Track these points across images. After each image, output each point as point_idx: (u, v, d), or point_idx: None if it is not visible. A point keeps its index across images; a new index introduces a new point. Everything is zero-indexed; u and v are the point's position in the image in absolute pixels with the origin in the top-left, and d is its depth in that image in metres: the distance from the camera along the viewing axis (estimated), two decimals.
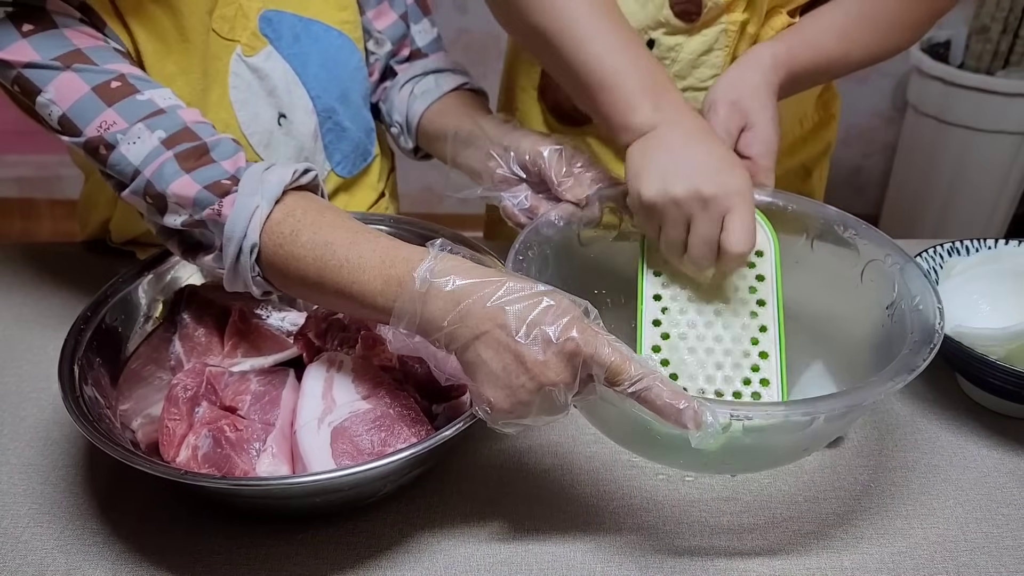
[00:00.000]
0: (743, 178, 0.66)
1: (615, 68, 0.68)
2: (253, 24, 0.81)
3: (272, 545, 0.63)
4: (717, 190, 0.64)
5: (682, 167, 0.65)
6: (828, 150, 1.06)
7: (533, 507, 0.67)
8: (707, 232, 0.65)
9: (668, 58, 0.86)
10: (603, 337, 0.54)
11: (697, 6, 0.82)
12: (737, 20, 0.82)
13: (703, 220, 0.65)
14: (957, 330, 0.74)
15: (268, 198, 0.64)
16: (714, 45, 0.84)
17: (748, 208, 0.65)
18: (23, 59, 0.64)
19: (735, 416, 0.55)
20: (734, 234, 0.65)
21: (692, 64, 0.86)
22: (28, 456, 0.71)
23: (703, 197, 0.64)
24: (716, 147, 0.68)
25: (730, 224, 0.65)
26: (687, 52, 0.85)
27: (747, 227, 0.65)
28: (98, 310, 0.71)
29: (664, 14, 0.84)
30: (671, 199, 0.65)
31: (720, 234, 0.65)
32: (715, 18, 0.83)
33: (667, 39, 0.85)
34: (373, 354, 0.70)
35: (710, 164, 0.65)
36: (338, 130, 0.89)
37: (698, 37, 0.84)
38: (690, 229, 0.66)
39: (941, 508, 0.68)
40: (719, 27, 0.83)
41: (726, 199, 0.64)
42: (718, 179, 0.64)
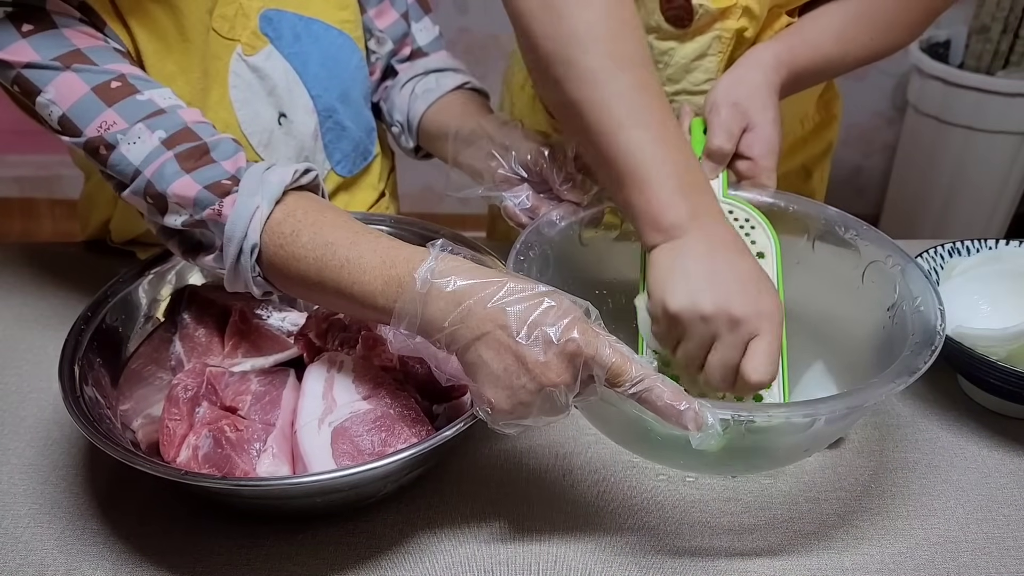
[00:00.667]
0: (774, 303, 0.61)
1: (653, 161, 0.63)
2: (253, 23, 0.81)
3: (272, 545, 0.63)
4: (748, 312, 0.60)
5: (713, 283, 0.61)
6: (829, 150, 1.06)
7: (533, 507, 0.67)
8: (730, 355, 0.61)
9: (661, 62, 0.86)
10: (604, 338, 0.54)
11: (688, 12, 0.81)
12: (731, 28, 0.82)
13: (728, 342, 0.60)
14: (958, 331, 0.74)
15: (269, 198, 0.64)
16: (707, 51, 0.84)
17: (776, 336, 0.61)
18: (23, 59, 0.64)
19: (736, 417, 0.55)
20: (757, 362, 0.60)
21: (685, 68, 0.86)
22: (28, 456, 0.71)
23: (733, 318, 0.60)
24: (749, 264, 0.63)
25: (754, 350, 0.60)
26: (680, 57, 0.85)
27: (772, 357, 0.60)
28: (98, 310, 0.71)
29: (656, 19, 0.83)
30: (699, 315, 0.60)
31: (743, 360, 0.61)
32: (708, 25, 0.82)
33: (659, 44, 0.85)
34: (374, 354, 0.70)
35: (743, 284, 0.61)
36: (338, 129, 0.89)
37: (691, 43, 0.84)
38: (711, 349, 0.61)
39: (942, 508, 0.68)
40: (712, 34, 0.83)
41: (756, 323, 0.60)
42: (750, 301, 0.60)
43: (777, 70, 0.76)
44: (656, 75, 0.66)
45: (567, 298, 0.56)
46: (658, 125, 0.64)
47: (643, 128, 0.63)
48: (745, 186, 0.75)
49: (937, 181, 2.12)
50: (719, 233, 0.63)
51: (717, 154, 0.74)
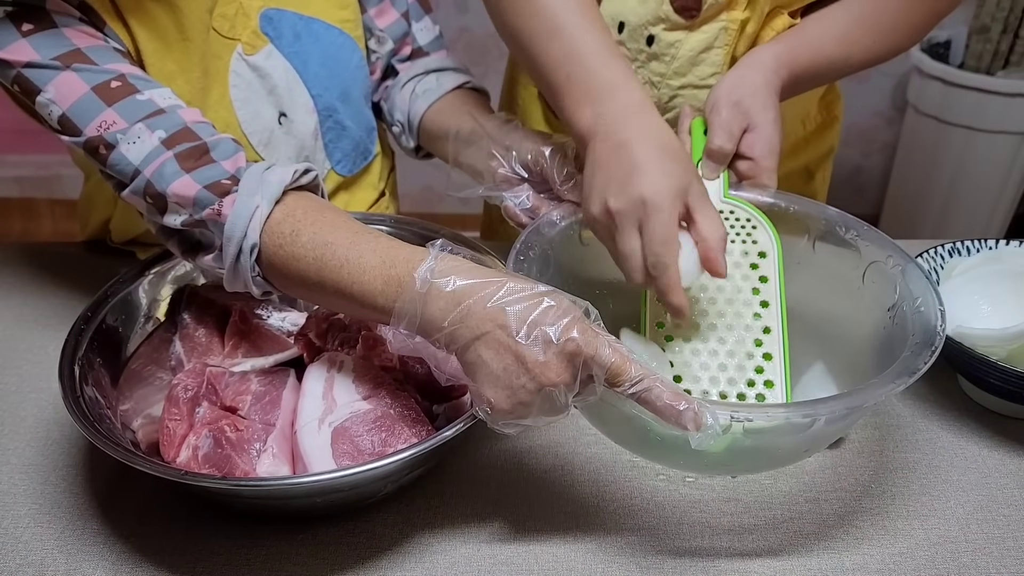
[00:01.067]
0: (651, 186, 0.62)
1: (568, 74, 0.68)
2: (254, 23, 0.81)
3: (272, 545, 0.63)
4: (623, 204, 0.62)
5: (599, 183, 0.64)
6: (831, 152, 1.06)
7: (534, 507, 0.67)
8: (623, 247, 0.63)
9: (668, 55, 0.86)
10: (604, 338, 0.54)
11: (697, 2, 0.82)
12: (737, 18, 0.82)
13: (617, 236, 0.64)
14: (958, 331, 0.74)
15: (268, 198, 0.64)
16: (714, 43, 0.84)
17: (658, 217, 0.62)
18: (23, 59, 0.64)
19: (735, 418, 0.55)
20: (649, 247, 0.62)
21: (692, 61, 0.85)
22: (28, 456, 0.71)
23: (610, 212, 0.63)
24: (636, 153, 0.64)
25: (645, 237, 0.62)
26: (687, 49, 0.85)
27: (659, 237, 0.62)
28: (99, 310, 0.71)
29: (664, 9, 0.83)
30: (592, 219, 0.66)
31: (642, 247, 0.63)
32: (715, 15, 0.82)
33: (667, 35, 0.85)
34: (374, 354, 0.70)
35: (622, 175, 0.63)
36: (338, 129, 0.89)
37: (698, 34, 0.84)
38: None
39: (942, 508, 0.68)
40: (719, 24, 0.83)
41: (633, 211, 0.62)
42: (624, 190, 0.62)
43: (778, 71, 0.76)
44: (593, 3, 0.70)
45: (567, 298, 0.56)
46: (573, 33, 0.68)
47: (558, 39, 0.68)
48: (746, 186, 0.75)
49: (937, 181, 2.12)
50: (617, 132, 0.65)
51: (718, 154, 0.74)
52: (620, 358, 0.53)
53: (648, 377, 0.53)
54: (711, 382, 0.67)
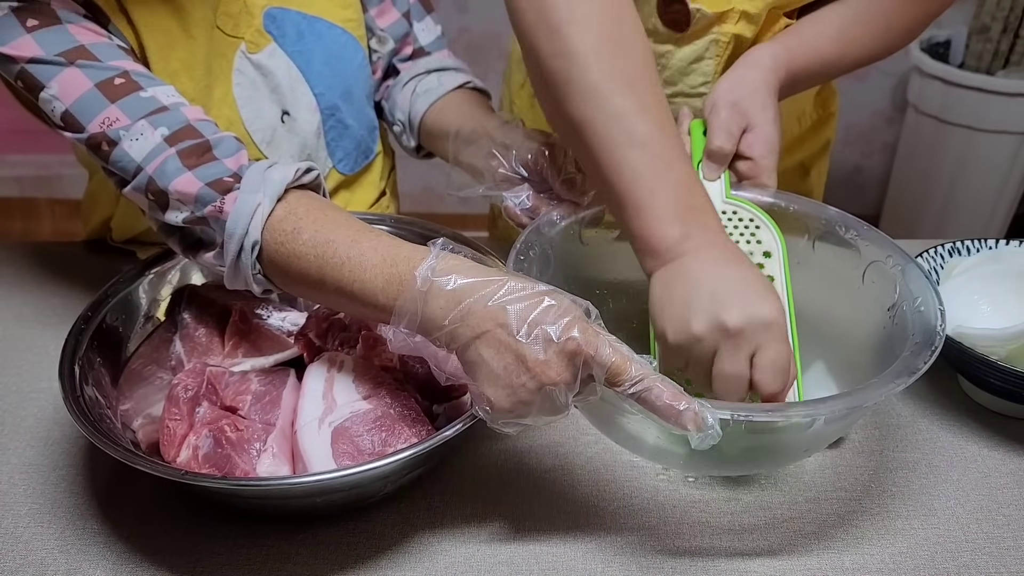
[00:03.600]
0: (772, 308, 0.59)
1: (652, 189, 0.62)
2: (257, 21, 0.81)
3: (272, 545, 0.63)
4: (742, 322, 0.58)
5: (704, 301, 0.59)
6: (827, 148, 1.06)
7: (534, 507, 0.67)
8: (731, 369, 0.59)
9: (658, 65, 0.86)
10: (604, 337, 0.54)
11: (685, 16, 0.81)
12: (728, 32, 0.82)
13: (728, 356, 0.59)
14: (958, 330, 0.74)
15: (270, 196, 0.64)
16: (704, 54, 0.84)
17: (779, 343, 0.59)
18: (27, 54, 0.64)
19: (736, 417, 0.55)
20: (765, 373, 0.59)
21: (682, 71, 0.85)
22: (28, 456, 0.71)
23: (727, 330, 0.58)
24: (746, 274, 0.61)
25: (759, 362, 0.59)
26: (677, 60, 0.85)
27: (780, 366, 0.59)
28: (99, 310, 0.71)
29: (653, 22, 0.83)
30: (693, 337, 0.59)
31: (752, 372, 0.59)
32: (705, 29, 0.82)
33: (657, 47, 0.85)
34: (374, 354, 0.70)
35: (736, 295, 0.59)
36: (341, 128, 0.89)
37: (688, 47, 0.84)
38: (714, 363, 0.59)
39: (942, 508, 0.68)
40: (709, 37, 0.83)
41: (753, 332, 0.58)
42: (744, 311, 0.58)
43: (775, 71, 0.77)
44: (660, 93, 0.65)
45: (567, 297, 0.56)
46: (656, 146, 0.62)
47: (640, 150, 0.62)
48: (746, 186, 0.75)
49: (937, 181, 2.12)
50: (713, 251, 0.62)
51: (717, 155, 0.74)
52: (620, 358, 0.53)
53: (648, 377, 0.53)
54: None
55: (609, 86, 0.62)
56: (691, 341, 0.60)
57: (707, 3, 0.80)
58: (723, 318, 0.58)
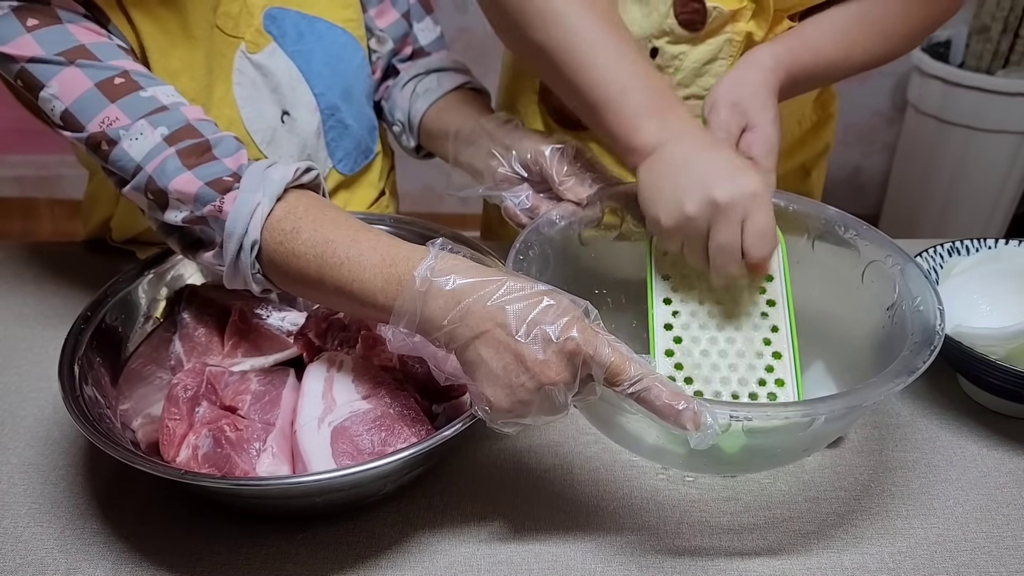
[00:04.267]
0: (756, 179, 0.63)
1: (621, 87, 0.67)
2: (257, 21, 0.81)
3: (272, 545, 0.63)
4: (731, 195, 0.62)
5: (691, 182, 0.63)
6: (826, 150, 1.06)
7: (533, 507, 0.67)
8: (725, 239, 0.63)
9: (672, 66, 0.86)
10: (603, 337, 0.54)
11: (702, 15, 0.81)
12: (742, 30, 0.82)
13: (720, 228, 0.63)
14: (957, 330, 0.74)
15: (270, 195, 0.64)
16: (718, 54, 0.84)
17: (765, 209, 0.63)
18: (27, 54, 0.64)
19: (735, 417, 0.55)
20: (753, 238, 0.63)
21: (696, 73, 0.86)
22: (28, 456, 0.71)
23: (716, 204, 0.62)
24: (724, 154, 0.66)
25: (748, 228, 0.63)
26: (691, 61, 0.85)
27: (766, 230, 0.63)
28: (98, 309, 0.71)
29: (668, 23, 0.83)
30: (686, 217, 0.63)
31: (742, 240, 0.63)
32: (720, 27, 0.82)
33: (671, 48, 0.85)
34: (373, 354, 0.70)
35: (719, 171, 0.63)
36: (341, 127, 0.89)
37: (702, 46, 0.84)
38: (709, 237, 0.64)
39: (941, 508, 0.68)
40: (724, 36, 0.83)
41: (741, 203, 0.62)
42: (729, 184, 0.62)
43: (776, 71, 0.77)
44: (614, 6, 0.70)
45: (566, 297, 0.56)
46: (616, 48, 0.67)
47: (602, 54, 0.67)
48: None
49: (937, 181, 2.12)
50: (692, 137, 0.66)
51: None
52: (619, 357, 0.53)
53: (647, 376, 0.53)
54: (722, 383, 0.67)
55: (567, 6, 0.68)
56: (685, 221, 0.64)
57: (723, 0, 0.80)
58: (713, 195, 0.62)
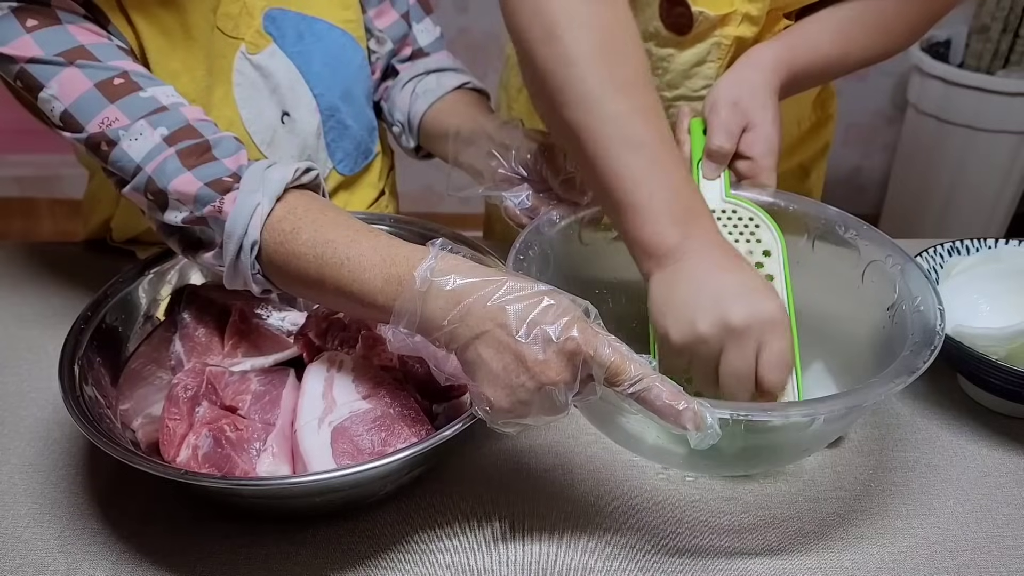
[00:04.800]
0: (775, 305, 0.60)
1: (649, 192, 0.62)
2: (257, 22, 0.81)
3: (272, 545, 0.63)
4: (747, 321, 0.59)
5: (708, 302, 0.60)
6: (826, 150, 1.06)
7: (533, 507, 0.67)
8: (738, 366, 0.60)
9: (660, 68, 0.86)
10: (603, 337, 0.54)
11: (688, 19, 0.81)
12: (731, 34, 0.81)
13: (733, 353, 0.59)
14: (957, 330, 0.74)
15: (269, 196, 0.64)
16: (706, 57, 0.84)
17: (781, 337, 0.60)
18: (26, 54, 0.64)
19: (735, 417, 0.55)
20: (769, 368, 0.60)
21: (684, 75, 0.85)
22: (28, 456, 0.71)
23: (732, 329, 0.59)
24: (745, 275, 0.62)
25: (764, 358, 0.60)
26: (679, 63, 0.85)
27: (783, 360, 0.60)
28: (98, 310, 0.71)
29: (655, 25, 0.83)
30: (698, 338, 0.59)
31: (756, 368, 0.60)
32: (708, 31, 0.82)
33: (658, 50, 0.84)
34: (373, 354, 0.70)
35: (736, 292, 0.60)
36: (340, 128, 0.89)
37: (690, 50, 0.84)
38: (720, 362, 0.60)
39: (941, 508, 0.68)
40: (712, 40, 0.82)
41: (758, 330, 0.59)
42: (746, 308, 0.59)
43: (777, 71, 0.76)
44: (656, 97, 0.65)
45: (566, 297, 0.56)
46: (653, 150, 0.63)
47: (636, 154, 0.62)
48: (745, 186, 0.75)
49: (937, 181, 2.12)
50: (713, 253, 0.62)
51: (717, 154, 0.74)
52: (620, 357, 0.53)
53: (647, 376, 0.53)
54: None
55: (605, 91, 0.62)
56: (696, 341, 0.60)
57: (710, 5, 0.80)
58: (728, 317, 0.59)
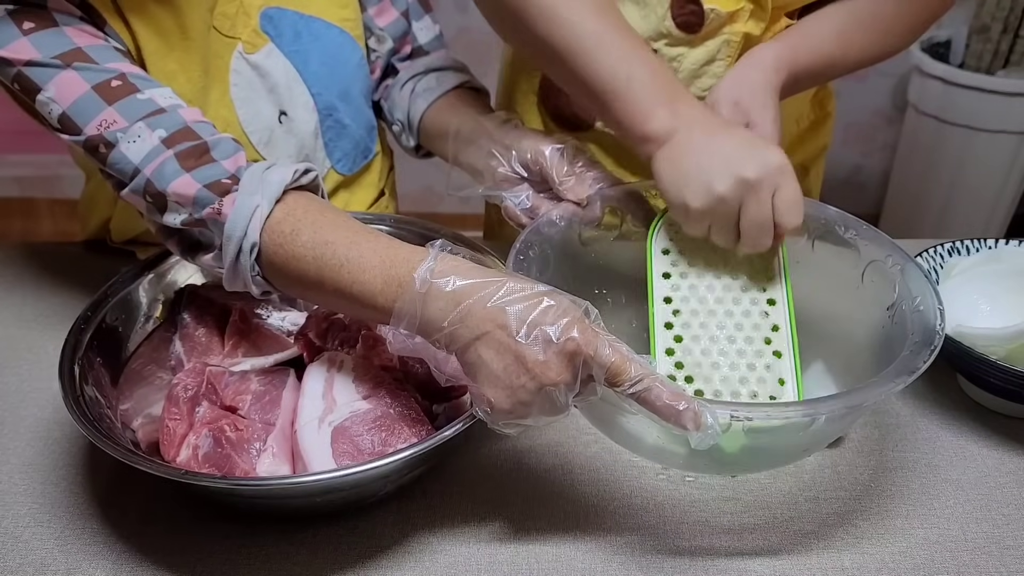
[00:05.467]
0: (779, 153, 0.65)
1: (628, 77, 0.67)
2: (254, 21, 0.81)
3: (272, 545, 0.63)
4: (760, 171, 0.63)
5: (718, 163, 0.64)
6: (825, 148, 1.06)
7: (533, 507, 0.67)
8: (759, 215, 0.64)
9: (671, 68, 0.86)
10: (603, 337, 0.54)
11: (699, 17, 0.81)
12: (739, 31, 0.82)
13: (753, 205, 0.64)
14: (957, 330, 0.74)
15: (268, 197, 0.64)
16: (716, 56, 0.84)
17: (792, 180, 0.65)
18: (23, 57, 0.64)
19: (735, 417, 0.55)
20: (785, 209, 0.64)
21: (694, 74, 0.86)
22: (28, 456, 0.71)
23: (748, 182, 0.63)
24: (742, 134, 0.67)
25: (780, 202, 0.64)
26: (689, 62, 0.85)
27: (797, 199, 0.65)
28: (98, 310, 0.71)
29: (666, 25, 0.83)
30: (717, 198, 0.64)
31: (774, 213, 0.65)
32: (717, 29, 0.82)
33: (669, 50, 0.85)
34: (374, 354, 0.70)
35: (743, 150, 0.64)
36: (339, 128, 0.89)
37: (700, 48, 0.84)
38: (741, 215, 0.65)
39: (941, 508, 0.68)
40: (721, 38, 0.83)
41: (771, 178, 0.63)
42: (757, 161, 0.63)
43: (778, 71, 0.77)
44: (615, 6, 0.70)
45: (566, 297, 0.56)
46: (625, 43, 0.68)
47: (612, 50, 0.67)
48: None
49: (937, 181, 2.12)
50: (704, 120, 0.67)
51: None
52: (620, 358, 0.53)
53: (648, 377, 0.53)
54: (722, 382, 0.67)
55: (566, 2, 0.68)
56: (716, 202, 0.64)
57: (720, 2, 0.80)
58: (742, 173, 0.63)
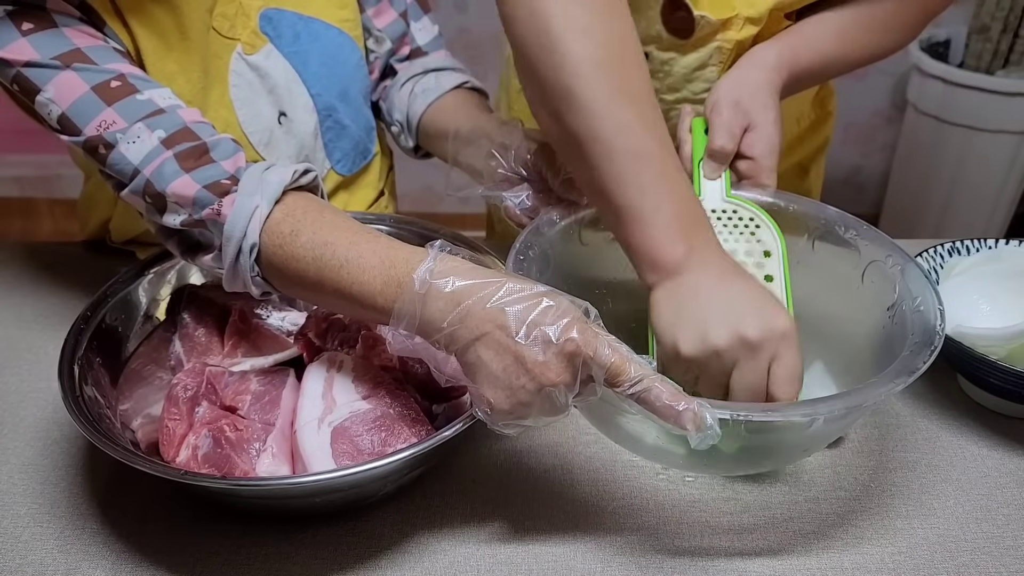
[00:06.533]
0: (786, 318, 0.60)
1: (649, 198, 0.61)
2: (253, 22, 0.81)
3: (272, 545, 0.63)
4: (762, 334, 0.58)
5: (721, 314, 0.59)
6: (825, 147, 1.06)
7: (533, 507, 0.67)
8: (752, 380, 0.59)
9: (661, 72, 0.86)
10: (603, 338, 0.54)
11: (689, 23, 0.81)
12: (733, 38, 0.81)
13: (749, 367, 0.59)
14: (957, 330, 0.74)
15: (268, 198, 0.64)
16: (708, 61, 0.84)
17: (794, 351, 0.60)
18: (23, 58, 0.64)
19: (735, 417, 0.55)
20: (781, 382, 0.59)
21: (686, 78, 0.85)
22: (28, 456, 0.71)
23: (748, 343, 0.58)
24: (752, 287, 0.62)
25: (777, 373, 0.59)
26: (680, 67, 0.85)
27: (796, 373, 0.60)
28: (98, 310, 0.71)
29: (657, 29, 0.83)
30: (713, 351, 0.59)
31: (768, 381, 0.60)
32: (709, 36, 0.82)
33: (660, 54, 0.84)
34: (373, 354, 0.70)
35: (752, 308, 0.60)
36: (338, 128, 0.89)
37: (692, 54, 0.84)
38: (733, 374, 0.60)
39: (941, 508, 0.68)
40: (713, 44, 0.82)
41: (773, 344, 0.59)
42: (763, 323, 0.59)
43: (778, 70, 0.77)
44: (658, 108, 0.64)
45: (566, 298, 0.56)
46: (658, 160, 0.62)
47: (642, 163, 0.61)
48: (745, 186, 0.75)
49: (937, 181, 2.12)
50: (718, 264, 0.62)
51: (719, 154, 0.74)
52: (619, 358, 0.53)
53: (648, 377, 0.53)
54: None
55: (611, 100, 0.61)
56: (710, 354, 0.59)
57: (711, 10, 0.80)
58: (744, 332, 0.58)
